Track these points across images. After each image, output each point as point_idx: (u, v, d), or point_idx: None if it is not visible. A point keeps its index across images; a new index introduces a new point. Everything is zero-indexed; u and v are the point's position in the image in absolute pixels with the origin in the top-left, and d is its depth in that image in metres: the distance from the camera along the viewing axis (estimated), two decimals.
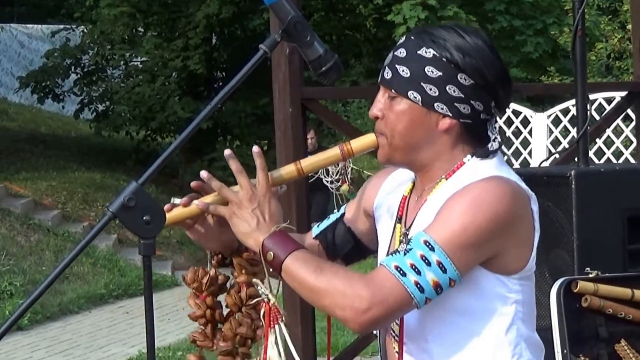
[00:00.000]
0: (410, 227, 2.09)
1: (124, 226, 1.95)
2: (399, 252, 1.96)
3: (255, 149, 2.07)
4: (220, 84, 17.40)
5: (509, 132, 9.89)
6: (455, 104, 2.02)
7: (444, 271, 1.93)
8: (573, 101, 9.52)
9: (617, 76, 13.58)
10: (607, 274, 3.44)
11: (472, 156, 2.06)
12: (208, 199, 2.07)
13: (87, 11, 16.84)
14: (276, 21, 4.57)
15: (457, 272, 1.94)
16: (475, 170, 2.03)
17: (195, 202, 2.07)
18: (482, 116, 2.04)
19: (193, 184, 2.11)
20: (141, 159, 16.50)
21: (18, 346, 8.44)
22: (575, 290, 3.33)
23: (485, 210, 1.94)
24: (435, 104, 2.02)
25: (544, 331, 3.56)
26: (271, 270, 2.03)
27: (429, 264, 1.93)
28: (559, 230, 3.70)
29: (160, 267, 11.43)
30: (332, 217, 2.30)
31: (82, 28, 17.55)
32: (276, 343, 2.08)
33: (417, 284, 1.93)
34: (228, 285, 2.17)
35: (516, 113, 9.95)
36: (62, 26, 18.43)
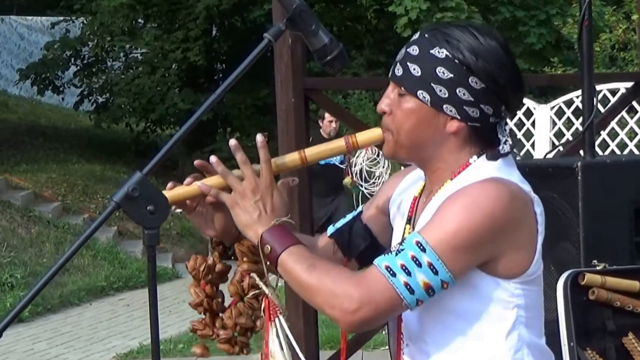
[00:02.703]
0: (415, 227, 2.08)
1: (128, 216, 1.94)
2: (391, 252, 1.95)
3: (259, 138, 2.05)
4: (221, 75, 17.39)
5: (511, 124, 9.87)
6: (465, 107, 2.00)
7: (435, 273, 1.91)
8: (576, 92, 9.50)
9: (622, 67, 13.53)
10: (614, 267, 3.41)
11: (478, 157, 2.04)
12: (211, 181, 2.06)
13: (86, 3, 16.82)
14: (279, 11, 4.58)
15: (450, 274, 1.92)
16: (478, 171, 2.01)
17: (198, 183, 2.05)
18: (492, 120, 2.02)
19: (197, 162, 2.09)
20: (141, 151, 16.49)
21: (19, 338, 8.43)
22: (582, 283, 3.31)
23: (480, 213, 1.92)
24: (444, 106, 2.00)
25: (551, 324, 3.54)
26: (268, 263, 2.03)
27: (419, 265, 1.91)
28: (565, 222, 3.67)
29: (160, 260, 11.42)
30: (349, 216, 2.29)
31: (82, 20, 17.52)
32: (277, 336, 2.07)
33: (406, 284, 1.91)
34: (230, 275, 2.16)
35: None
36: (61, 18, 18.40)
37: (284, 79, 4.63)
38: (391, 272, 1.92)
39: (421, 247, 1.91)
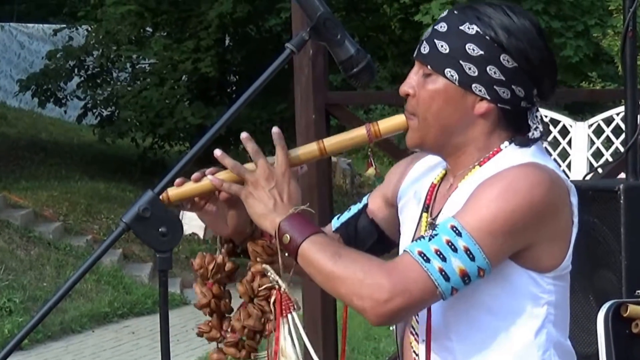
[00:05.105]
0: (437, 216, 2.08)
1: (139, 238, 1.94)
2: (423, 237, 1.94)
3: (275, 129, 2.07)
4: (234, 88, 17.45)
5: (545, 143, 9.83)
6: (495, 86, 2.01)
7: (472, 259, 1.91)
8: (616, 110, 9.46)
9: None
10: None
11: (510, 143, 2.05)
12: (222, 175, 2.05)
13: (91, 10, 16.92)
14: (298, 19, 4.60)
15: (487, 260, 1.92)
16: (512, 157, 2.01)
17: (209, 177, 2.05)
18: (523, 104, 2.03)
19: (217, 152, 2.06)
20: (147, 168, 16.55)
21: None
22: (624, 315, 3.29)
23: (518, 197, 1.93)
24: (473, 85, 2.01)
25: (590, 358, 3.52)
26: (287, 254, 2.01)
27: (455, 250, 1.91)
28: (606, 249, 3.66)
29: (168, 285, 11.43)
30: (354, 209, 2.29)
31: (86, 27, 17.62)
32: (289, 333, 2.05)
33: (441, 270, 1.91)
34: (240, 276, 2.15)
35: (554, 122, 9.89)
36: (64, 25, 18.50)
37: (304, 92, 4.65)
38: (425, 257, 1.91)
39: (457, 232, 1.91)
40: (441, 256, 1.91)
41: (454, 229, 1.91)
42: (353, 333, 8.69)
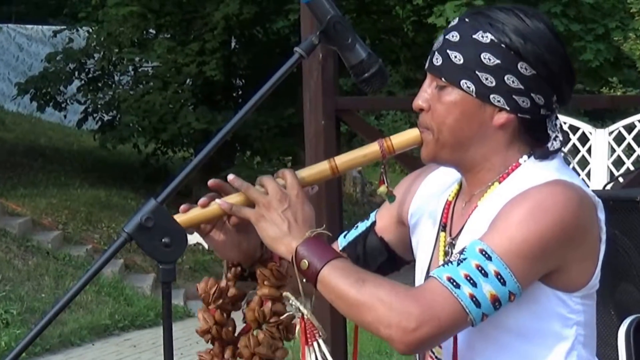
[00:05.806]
0: (457, 236, 2.07)
1: (142, 249, 1.94)
2: (451, 262, 1.93)
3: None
4: (240, 92, 17.48)
5: (564, 150, 9.80)
6: (514, 96, 2.00)
7: (503, 283, 1.90)
8: (638, 116, 9.46)
9: None
10: None
11: (528, 157, 2.04)
12: (231, 199, 2.03)
13: (92, 11, 16.95)
14: (307, 22, 4.62)
15: (518, 284, 1.92)
16: (533, 173, 2.01)
17: (217, 201, 2.02)
18: (542, 111, 2.02)
19: (211, 182, 2.05)
20: (150, 175, 16.59)
21: None
22: None
23: (549, 217, 1.92)
24: (491, 96, 2.00)
25: None
26: (304, 280, 1.99)
27: (485, 274, 1.90)
28: (627, 262, 3.66)
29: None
30: (361, 226, 2.28)
31: (87, 29, 17.67)
32: None
33: (472, 296, 1.90)
34: (245, 301, 2.13)
35: (573, 129, 9.89)
36: (64, 27, 18.54)
37: (314, 97, 4.66)
38: (454, 283, 1.90)
39: (486, 255, 1.90)
40: (471, 281, 1.90)
41: (483, 252, 1.91)
42: (364, 347, 8.69)
